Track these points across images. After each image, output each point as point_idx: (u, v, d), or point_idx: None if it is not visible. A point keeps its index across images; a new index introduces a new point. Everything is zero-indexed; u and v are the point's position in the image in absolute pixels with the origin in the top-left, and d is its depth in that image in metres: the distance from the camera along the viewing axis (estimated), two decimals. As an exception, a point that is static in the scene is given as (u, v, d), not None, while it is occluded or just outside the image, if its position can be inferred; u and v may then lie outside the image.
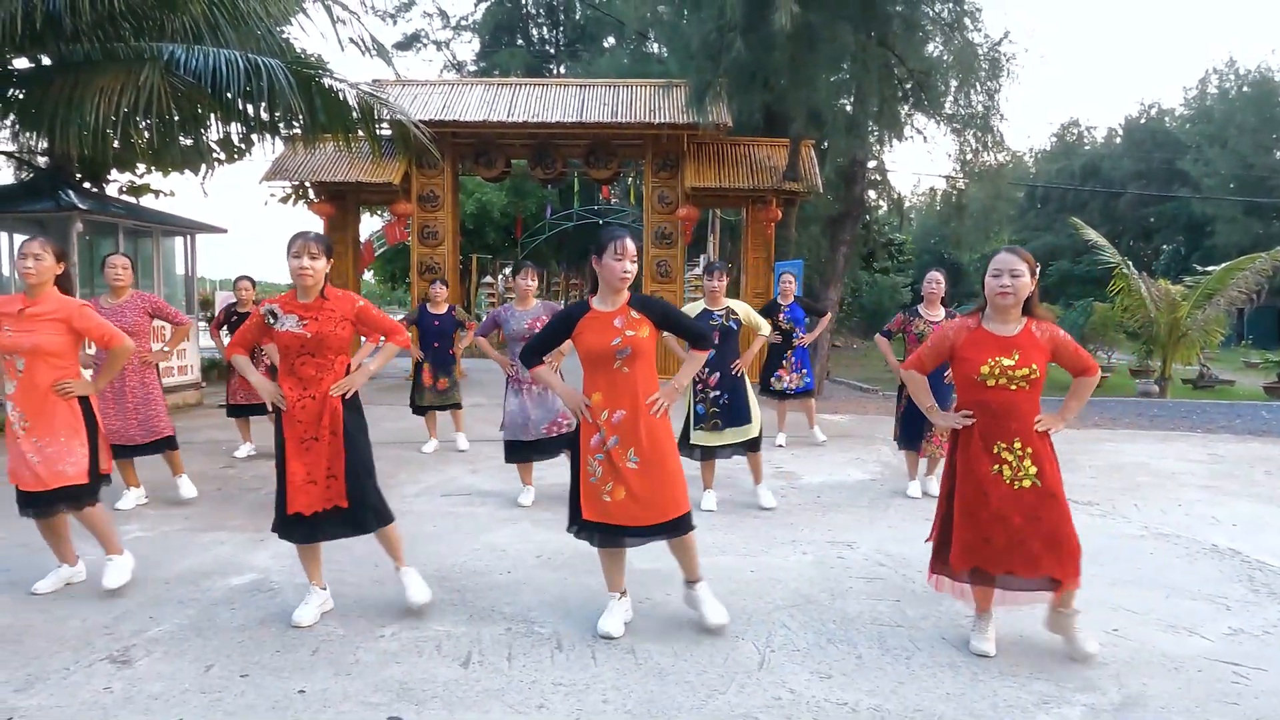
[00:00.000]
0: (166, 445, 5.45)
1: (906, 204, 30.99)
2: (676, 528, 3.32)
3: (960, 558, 3.19)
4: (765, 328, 5.53)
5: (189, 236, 11.75)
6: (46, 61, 8.47)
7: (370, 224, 21.42)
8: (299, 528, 3.41)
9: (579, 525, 3.38)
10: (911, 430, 5.83)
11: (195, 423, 9.07)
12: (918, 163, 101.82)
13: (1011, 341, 3.13)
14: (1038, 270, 3.19)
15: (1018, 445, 3.13)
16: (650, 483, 3.27)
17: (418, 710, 2.76)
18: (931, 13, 12.51)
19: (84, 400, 3.81)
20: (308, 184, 14.56)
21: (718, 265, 5.50)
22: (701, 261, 22.64)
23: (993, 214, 14.63)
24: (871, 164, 15.34)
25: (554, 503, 5.34)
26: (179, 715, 2.70)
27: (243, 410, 7.15)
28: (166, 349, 5.63)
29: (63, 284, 3.83)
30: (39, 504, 3.72)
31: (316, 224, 14.61)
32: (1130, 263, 15.15)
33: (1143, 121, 42.68)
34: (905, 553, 4.54)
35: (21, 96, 8.55)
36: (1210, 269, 15.23)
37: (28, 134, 8.97)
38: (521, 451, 5.46)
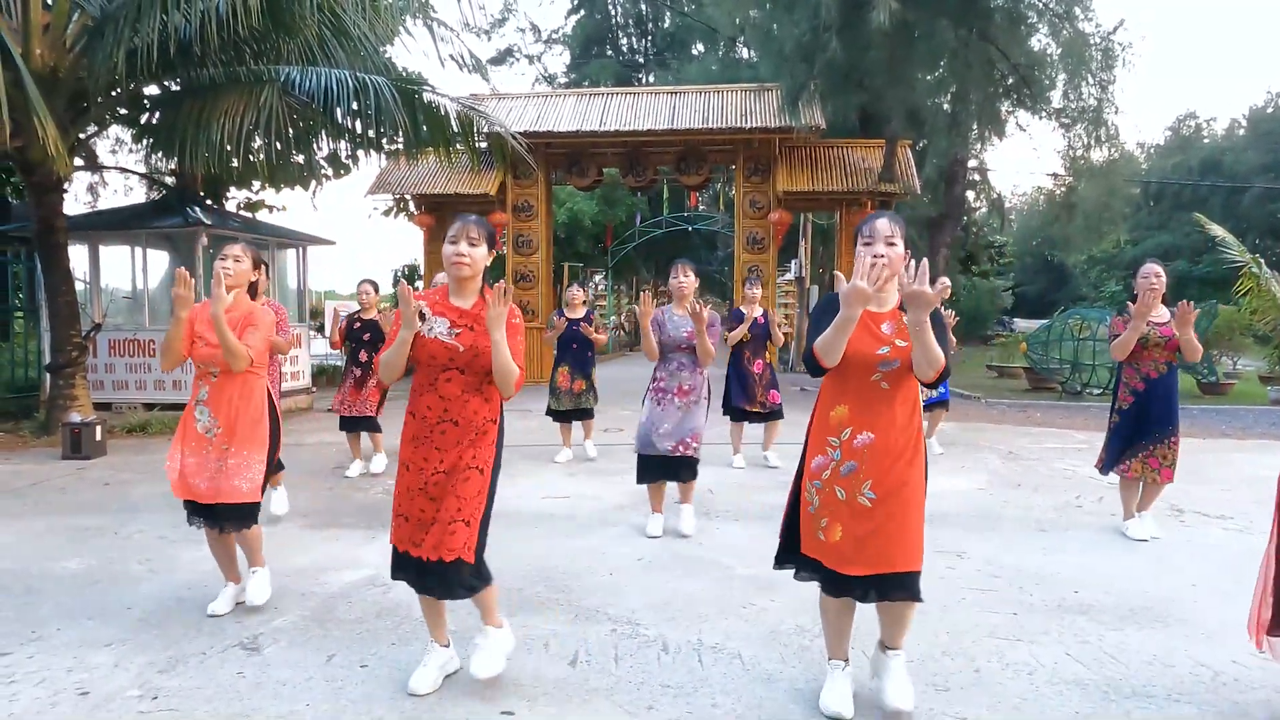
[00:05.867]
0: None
1: (1007, 204, 29.87)
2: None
3: None
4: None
5: (301, 249, 12.37)
6: (175, 87, 9.09)
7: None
8: (410, 570, 2.88)
9: (795, 562, 2.82)
10: (1114, 445, 4.94)
11: (306, 426, 9.52)
12: (1019, 161, 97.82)
13: None
14: None
15: None
16: (879, 524, 2.62)
17: (530, 706, 2.80)
18: (1039, 4, 12.04)
19: (272, 412, 3.70)
20: (408, 197, 15.14)
21: None
22: (793, 267, 22.07)
23: (1105, 213, 13.95)
24: (971, 163, 14.86)
25: (648, 506, 5.33)
26: (306, 702, 2.82)
27: (353, 424, 6.65)
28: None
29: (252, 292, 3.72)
30: (211, 517, 3.56)
31: (417, 236, 15.14)
32: (1262, 261, 14.14)
33: (1269, 111, 39.97)
34: (1020, 564, 4.35)
35: (155, 121, 9.19)
36: (1350, 267, 14.03)
37: (159, 155, 9.62)
38: (651, 470, 4.89)
